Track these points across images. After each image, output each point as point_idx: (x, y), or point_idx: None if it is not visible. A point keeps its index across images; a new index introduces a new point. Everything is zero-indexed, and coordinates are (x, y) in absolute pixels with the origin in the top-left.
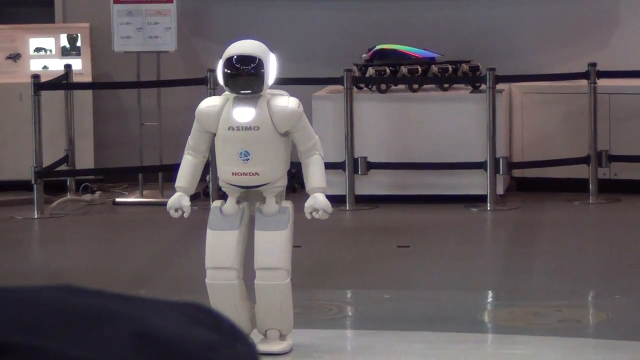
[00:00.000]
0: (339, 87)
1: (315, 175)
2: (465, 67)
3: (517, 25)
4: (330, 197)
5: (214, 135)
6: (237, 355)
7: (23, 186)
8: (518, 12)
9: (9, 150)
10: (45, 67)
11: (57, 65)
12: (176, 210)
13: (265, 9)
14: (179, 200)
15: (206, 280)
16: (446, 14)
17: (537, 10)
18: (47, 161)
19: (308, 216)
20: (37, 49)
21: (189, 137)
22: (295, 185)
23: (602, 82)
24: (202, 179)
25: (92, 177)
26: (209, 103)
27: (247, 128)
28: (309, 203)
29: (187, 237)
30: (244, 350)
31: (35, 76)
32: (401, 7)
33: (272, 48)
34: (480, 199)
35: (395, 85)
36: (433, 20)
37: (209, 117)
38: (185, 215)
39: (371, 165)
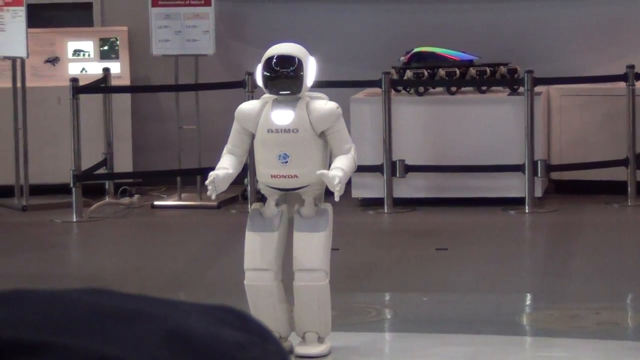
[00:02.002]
0: (377, 89)
1: (340, 162)
2: (503, 69)
3: (555, 28)
4: (368, 200)
5: (253, 137)
6: (267, 355)
7: (62, 189)
8: (556, 14)
9: (48, 154)
10: (83, 70)
11: (95, 69)
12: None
13: (304, 12)
14: (215, 172)
15: (245, 282)
16: (484, 16)
17: (575, 12)
18: (85, 164)
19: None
20: (76, 52)
21: (228, 139)
22: None
23: None
24: (240, 182)
25: (130, 180)
26: (249, 104)
27: (285, 130)
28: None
29: (226, 240)
30: (273, 350)
31: (74, 79)
32: (439, 10)
33: (310, 51)
34: (518, 202)
35: (433, 88)
36: (471, 22)
37: (249, 117)
38: (217, 182)
39: (409, 168)
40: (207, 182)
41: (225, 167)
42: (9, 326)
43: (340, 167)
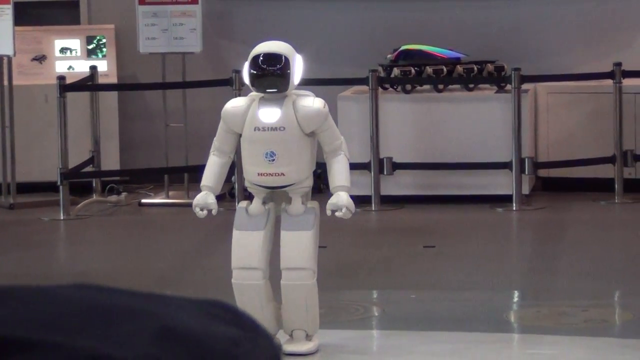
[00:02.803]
0: (364, 87)
1: (339, 174)
2: (490, 67)
3: (543, 25)
4: (355, 198)
5: (240, 135)
6: (259, 349)
7: (49, 187)
8: (543, 12)
9: (35, 152)
10: (70, 68)
11: (82, 67)
12: (202, 209)
13: (291, 10)
14: (205, 198)
15: (232, 280)
16: (471, 14)
17: (562, 10)
18: (72, 162)
19: (329, 213)
20: (63, 50)
21: (215, 137)
22: (321, 185)
23: (627, 82)
24: (228, 179)
25: (117, 178)
26: (235, 103)
27: (272, 128)
28: (332, 201)
29: (213, 238)
30: (265, 344)
31: (61, 77)
32: (426, 7)
33: (297, 49)
34: (505, 199)
35: (421, 85)
36: (458, 20)
37: (235, 117)
38: (214, 212)
39: (397, 166)
40: (199, 213)
41: (210, 185)
42: (0, 323)
43: (343, 184)
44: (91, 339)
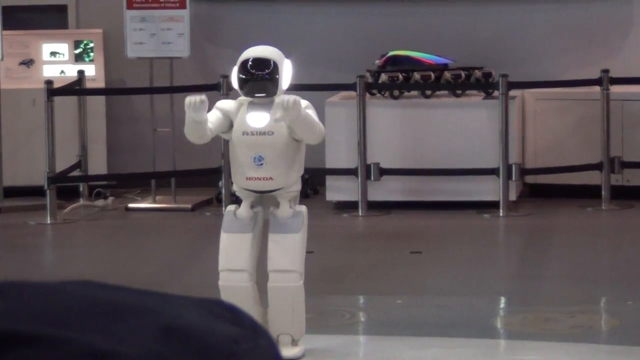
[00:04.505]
0: (352, 93)
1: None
2: (478, 73)
3: (530, 32)
4: (343, 203)
5: (228, 124)
6: (260, 348)
7: (36, 192)
8: (531, 18)
9: (22, 156)
10: (62, 73)
11: (70, 71)
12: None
13: (279, 15)
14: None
15: (219, 282)
16: (459, 20)
17: (550, 17)
18: (59, 167)
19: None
20: (52, 53)
21: None
22: (309, 191)
23: (614, 89)
24: (215, 184)
25: (104, 182)
26: (227, 101)
27: (261, 133)
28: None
29: (200, 243)
30: (265, 343)
31: (49, 82)
32: (414, 13)
33: (285, 54)
34: (492, 205)
35: (408, 91)
36: (446, 26)
37: (229, 108)
38: (204, 98)
39: (384, 171)
40: (192, 100)
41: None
42: (4, 317)
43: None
44: (95, 335)
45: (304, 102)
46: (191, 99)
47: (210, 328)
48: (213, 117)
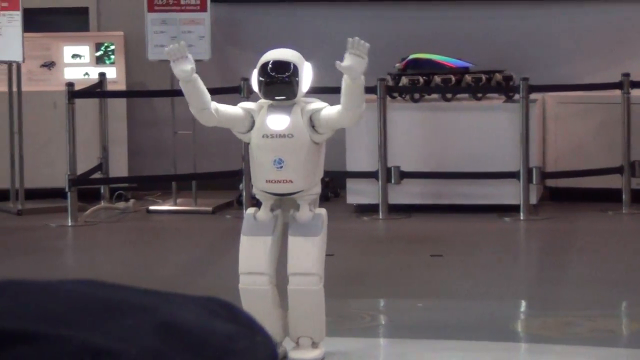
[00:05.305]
0: (373, 96)
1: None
2: (498, 76)
3: (551, 35)
4: (363, 206)
5: (249, 121)
6: (256, 346)
7: (57, 194)
8: (552, 22)
9: (44, 158)
10: (86, 75)
11: (91, 74)
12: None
13: (300, 18)
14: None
15: (239, 285)
16: (480, 23)
17: (571, 20)
18: (81, 169)
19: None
20: (73, 56)
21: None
22: (329, 194)
23: (635, 92)
24: (235, 187)
25: (125, 185)
26: (248, 103)
27: (281, 136)
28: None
29: (220, 245)
30: (261, 341)
31: (70, 84)
32: (435, 17)
33: (306, 57)
34: (513, 209)
35: (429, 94)
36: (467, 29)
37: (251, 106)
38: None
39: (404, 175)
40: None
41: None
42: (4, 316)
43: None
44: (94, 333)
45: (322, 104)
46: (170, 47)
47: (206, 325)
48: (230, 109)
